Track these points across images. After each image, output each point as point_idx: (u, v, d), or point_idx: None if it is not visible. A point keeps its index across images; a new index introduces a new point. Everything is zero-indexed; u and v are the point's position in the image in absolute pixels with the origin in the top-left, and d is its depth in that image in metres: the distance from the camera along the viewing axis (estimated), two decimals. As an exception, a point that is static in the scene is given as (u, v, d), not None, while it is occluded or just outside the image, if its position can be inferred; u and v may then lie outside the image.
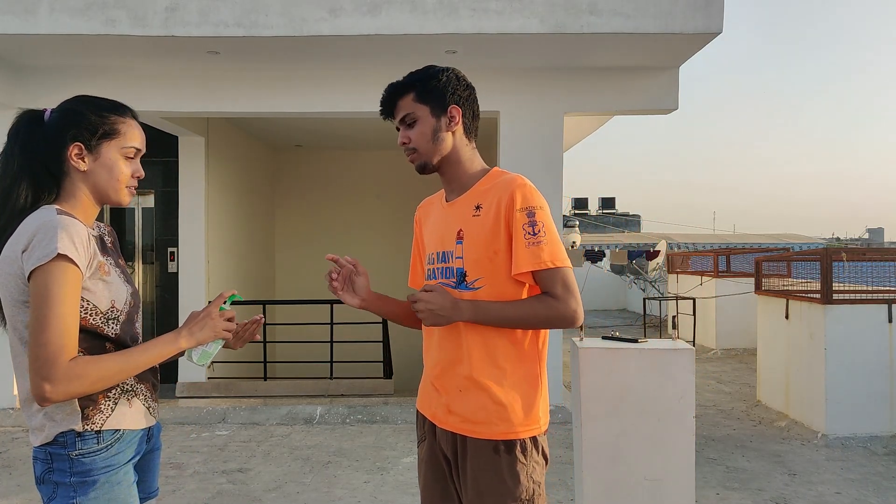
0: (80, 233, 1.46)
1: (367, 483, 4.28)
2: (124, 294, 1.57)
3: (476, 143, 1.86)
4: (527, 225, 1.66)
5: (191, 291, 7.08)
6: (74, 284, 1.43)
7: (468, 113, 1.81)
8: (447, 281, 1.78)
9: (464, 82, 1.82)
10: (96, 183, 1.57)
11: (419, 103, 1.77)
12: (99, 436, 1.49)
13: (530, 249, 1.65)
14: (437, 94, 1.77)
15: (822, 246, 15.41)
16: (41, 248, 1.40)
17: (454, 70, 1.83)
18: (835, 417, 5.22)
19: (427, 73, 1.80)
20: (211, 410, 5.93)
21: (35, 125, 1.57)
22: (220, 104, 6.10)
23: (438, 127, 1.77)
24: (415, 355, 9.91)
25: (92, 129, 1.55)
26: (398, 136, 1.82)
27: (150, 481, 1.71)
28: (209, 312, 1.63)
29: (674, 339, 3.12)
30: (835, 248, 7.56)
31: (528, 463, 1.69)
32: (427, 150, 1.78)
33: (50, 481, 1.48)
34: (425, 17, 5.06)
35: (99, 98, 1.62)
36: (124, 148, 1.59)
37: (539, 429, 1.72)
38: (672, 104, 6.08)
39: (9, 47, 5.43)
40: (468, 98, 1.82)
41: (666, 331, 11.20)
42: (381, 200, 10.20)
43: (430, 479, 1.83)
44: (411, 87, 1.78)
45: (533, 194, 1.69)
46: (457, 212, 1.79)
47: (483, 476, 1.68)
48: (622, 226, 30.99)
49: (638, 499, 2.90)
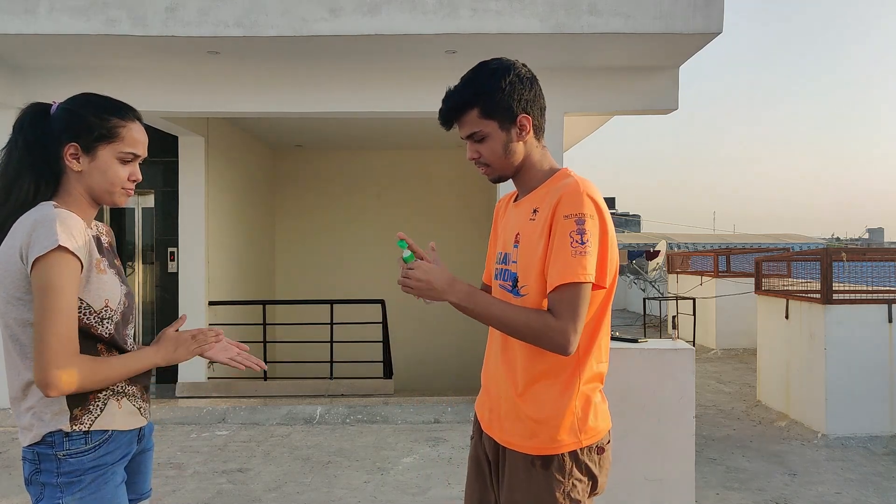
0: (77, 225, 1.47)
1: (367, 483, 4.28)
2: (118, 294, 1.56)
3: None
4: (574, 233, 1.55)
5: (191, 291, 7.08)
6: (75, 275, 1.44)
7: (537, 115, 1.70)
8: (505, 283, 1.74)
9: (527, 82, 1.68)
10: (90, 184, 1.57)
11: (486, 119, 1.66)
12: (87, 436, 1.49)
13: (576, 259, 1.54)
14: (504, 106, 1.65)
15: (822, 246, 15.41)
16: (41, 240, 1.41)
17: (515, 69, 1.67)
18: (835, 417, 5.22)
19: (489, 84, 1.65)
20: (211, 410, 5.93)
21: (39, 119, 1.56)
22: (220, 104, 6.10)
23: (509, 139, 1.68)
24: (415, 355, 10.00)
25: (89, 131, 1.54)
26: (467, 149, 1.73)
27: (143, 482, 1.71)
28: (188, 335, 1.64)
29: (674, 339, 3.12)
30: (835, 248, 7.56)
31: (565, 480, 1.63)
32: (501, 165, 1.71)
33: (37, 482, 1.49)
34: (425, 17, 5.05)
35: (104, 99, 1.60)
36: (122, 153, 1.58)
37: (579, 443, 1.64)
38: (672, 104, 6.08)
39: (9, 47, 5.43)
40: (534, 99, 1.69)
41: (666, 331, 11.20)
42: (382, 200, 10.19)
43: (472, 477, 1.85)
44: (474, 103, 1.65)
45: (580, 201, 1.57)
46: (519, 214, 1.74)
47: (518, 489, 1.67)
48: (622, 226, 31.02)
49: (638, 499, 2.90)
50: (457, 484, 4.24)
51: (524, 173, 1.74)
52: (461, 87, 1.68)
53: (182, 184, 7.15)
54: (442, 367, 9.64)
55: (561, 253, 1.56)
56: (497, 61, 1.69)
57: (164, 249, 7.65)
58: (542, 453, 1.64)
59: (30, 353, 1.46)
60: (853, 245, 41.15)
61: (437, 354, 9.80)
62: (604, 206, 1.63)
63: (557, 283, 1.56)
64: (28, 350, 1.46)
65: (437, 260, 1.74)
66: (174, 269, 7.51)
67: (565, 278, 1.55)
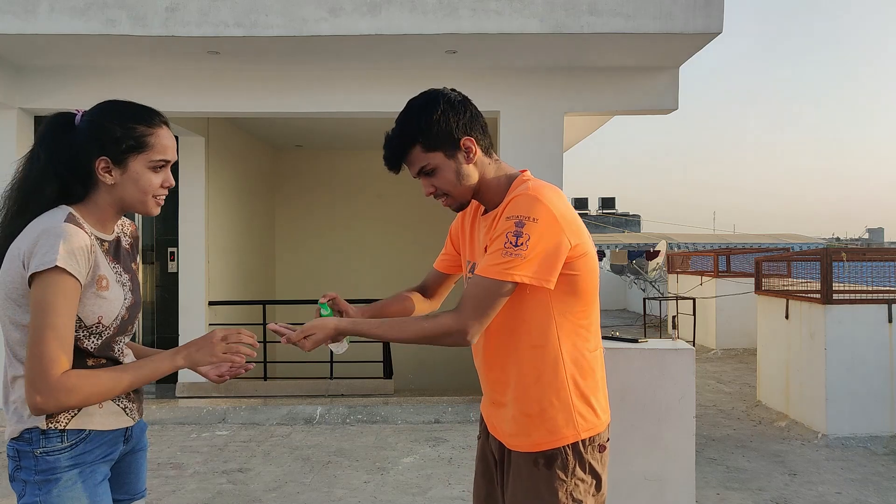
0: (82, 244, 1.46)
1: (368, 483, 4.28)
2: (117, 309, 1.55)
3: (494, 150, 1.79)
4: (510, 234, 1.57)
5: (191, 291, 7.08)
6: (72, 296, 1.44)
7: (479, 134, 1.71)
8: None
9: (459, 105, 1.68)
10: (123, 196, 1.56)
11: (430, 152, 1.67)
12: (63, 434, 1.49)
13: (504, 259, 1.56)
14: (444, 135, 1.66)
15: (822, 246, 15.41)
16: (41, 255, 1.41)
17: (443, 97, 1.68)
18: (835, 417, 5.22)
19: (422, 119, 1.65)
20: (211, 410, 5.93)
21: (62, 131, 1.55)
22: (220, 104, 6.10)
23: (458, 164, 1.69)
24: (415, 356, 9.96)
25: (118, 143, 1.53)
26: (422, 186, 1.74)
27: (136, 482, 1.71)
28: (211, 337, 1.57)
29: (674, 339, 3.12)
30: (835, 248, 7.56)
31: (568, 480, 1.65)
32: (458, 192, 1.72)
33: (19, 479, 1.50)
34: (425, 17, 5.06)
35: (129, 106, 1.58)
36: (152, 161, 1.57)
37: (577, 434, 1.65)
38: (672, 104, 6.08)
39: (9, 47, 5.43)
40: (472, 120, 1.70)
41: (666, 331, 11.20)
42: (382, 200, 10.19)
43: (479, 475, 1.88)
44: (414, 140, 1.66)
45: (525, 204, 1.59)
46: (485, 226, 1.75)
47: (520, 488, 1.68)
48: (622, 226, 31.00)
49: (638, 499, 2.90)
50: (457, 484, 4.24)
51: (484, 192, 1.75)
52: (397, 130, 1.68)
53: (182, 184, 7.14)
54: (442, 368, 9.64)
55: (493, 249, 1.61)
56: (424, 95, 1.70)
57: (164, 249, 7.65)
58: (542, 449, 1.66)
59: (17, 351, 1.48)
60: (853, 245, 41.15)
61: (438, 354, 9.80)
62: (554, 208, 1.60)
63: (476, 272, 1.63)
64: (15, 348, 1.49)
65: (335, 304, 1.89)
66: (174, 269, 7.51)
67: (483, 271, 1.60)
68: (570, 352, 1.67)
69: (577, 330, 1.68)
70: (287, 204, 10.25)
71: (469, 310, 1.59)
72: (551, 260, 1.58)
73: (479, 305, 1.59)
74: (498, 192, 1.73)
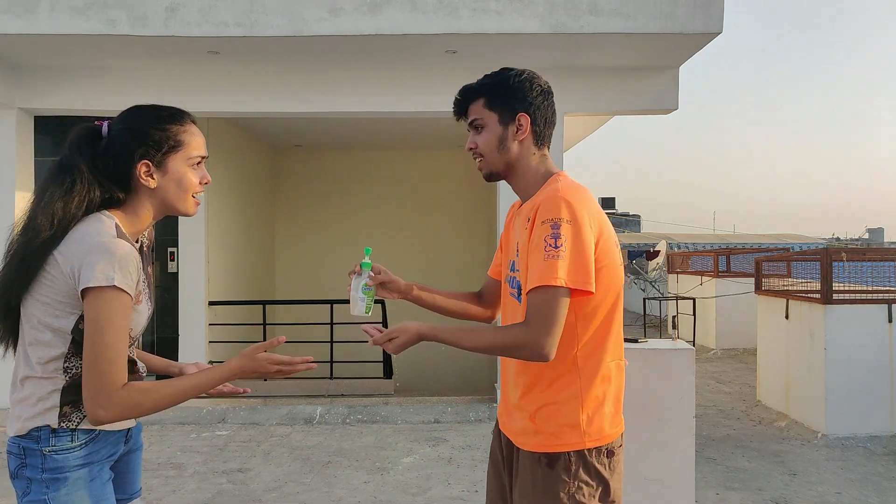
0: (132, 259, 1.48)
1: (368, 483, 4.28)
2: (144, 321, 1.59)
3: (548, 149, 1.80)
4: (549, 237, 1.56)
5: (191, 291, 7.08)
6: (126, 312, 1.46)
7: (539, 120, 1.73)
8: (513, 291, 1.77)
9: (538, 87, 1.74)
10: (165, 197, 1.58)
11: (488, 109, 1.73)
12: (73, 434, 1.50)
13: (547, 263, 1.55)
14: (507, 100, 1.72)
15: (822, 246, 15.41)
16: (98, 270, 1.42)
17: (529, 74, 1.75)
18: (835, 417, 5.22)
19: (499, 77, 1.75)
20: (211, 410, 5.93)
21: (94, 140, 1.56)
22: (220, 104, 6.10)
23: (505, 136, 1.72)
24: (415, 355, 9.94)
25: (157, 146, 1.55)
26: (468, 139, 1.79)
27: (132, 481, 1.72)
28: (263, 362, 1.60)
29: (674, 339, 3.12)
30: (835, 248, 7.57)
31: (570, 481, 1.64)
32: (493, 159, 1.75)
33: (23, 476, 1.50)
34: (425, 17, 5.06)
35: (157, 108, 1.60)
36: (190, 157, 1.59)
37: (582, 443, 1.64)
38: (672, 104, 6.08)
39: (9, 47, 5.43)
40: (541, 104, 1.73)
41: (666, 331, 11.20)
42: (382, 200, 10.20)
43: (491, 472, 1.91)
44: (482, 92, 1.75)
45: (557, 206, 1.58)
46: (519, 222, 1.76)
47: (524, 486, 1.70)
48: (622, 226, 31.03)
49: (638, 499, 2.90)
50: (457, 484, 4.24)
51: (518, 177, 1.77)
52: (477, 81, 1.78)
53: (182, 184, 7.14)
54: (442, 368, 9.64)
55: (535, 257, 1.58)
56: (520, 69, 1.77)
57: (164, 249, 7.64)
58: (545, 450, 1.67)
59: (38, 353, 1.48)
60: (853, 245, 41.14)
61: (438, 354, 9.80)
62: (585, 212, 1.60)
63: (529, 287, 1.58)
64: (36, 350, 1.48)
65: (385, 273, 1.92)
66: (174, 269, 7.50)
67: (535, 282, 1.56)
68: (587, 361, 1.67)
69: (596, 340, 1.68)
70: (287, 204, 10.25)
71: (536, 324, 1.56)
72: (586, 261, 1.58)
73: (544, 316, 1.55)
74: (533, 183, 1.75)
